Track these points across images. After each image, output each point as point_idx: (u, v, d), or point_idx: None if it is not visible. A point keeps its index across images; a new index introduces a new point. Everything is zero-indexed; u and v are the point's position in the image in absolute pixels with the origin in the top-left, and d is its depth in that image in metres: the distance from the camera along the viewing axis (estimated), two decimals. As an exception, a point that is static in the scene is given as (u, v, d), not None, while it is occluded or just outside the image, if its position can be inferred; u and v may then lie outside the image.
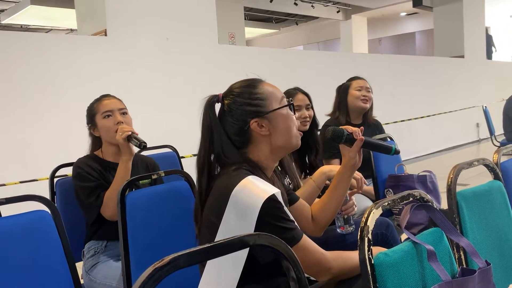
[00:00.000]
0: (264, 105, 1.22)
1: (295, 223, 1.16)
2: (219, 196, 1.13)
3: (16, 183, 2.82)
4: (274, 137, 1.22)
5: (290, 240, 1.12)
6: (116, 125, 1.80)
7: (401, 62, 7.71)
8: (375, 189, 2.29)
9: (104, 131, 1.83)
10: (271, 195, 1.09)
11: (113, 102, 1.87)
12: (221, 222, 1.10)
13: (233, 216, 1.09)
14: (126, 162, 1.75)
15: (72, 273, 1.27)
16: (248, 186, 1.10)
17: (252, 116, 1.20)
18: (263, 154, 1.23)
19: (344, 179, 1.37)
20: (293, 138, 1.25)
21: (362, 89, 2.61)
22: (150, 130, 3.84)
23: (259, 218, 1.07)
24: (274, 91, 1.26)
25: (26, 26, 12.96)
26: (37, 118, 3.33)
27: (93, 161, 1.83)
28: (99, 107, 1.85)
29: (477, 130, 8.72)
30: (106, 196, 1.71)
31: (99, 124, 1.83)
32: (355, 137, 1.33)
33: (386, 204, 0.90)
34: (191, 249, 0.59)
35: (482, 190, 1.29)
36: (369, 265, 0.83)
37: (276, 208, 1.11)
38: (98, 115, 1.84)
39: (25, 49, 3.39)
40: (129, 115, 1.90)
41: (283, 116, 1.23)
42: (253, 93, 1.23)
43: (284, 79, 5.36)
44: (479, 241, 1.21)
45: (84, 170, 1.77)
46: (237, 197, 1.09)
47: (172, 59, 4.22)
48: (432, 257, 0.91)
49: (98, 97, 1.91)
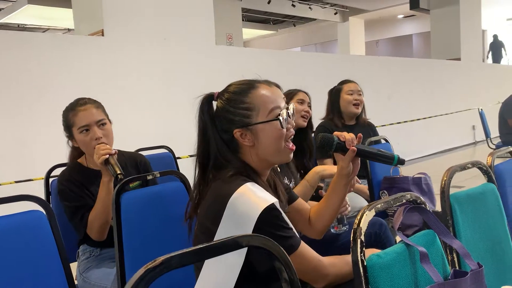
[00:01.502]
0: (249, 116, 1.17)
1: (293, 230, 1.15)
2: (216, 202, 1.11)
3: (11, 183, 2.81)
4: (258, 149, 1.18)
5: (288, 248, 1.11)
6: (94, 140, 1.66)
7: (398, 64, 7.73)
8: (370, 190, 2.30)
9: (82, 145, 1.72)
10: (270, 205, 1.07)
11: (89, 113, 1.69)
12: (217, 229, 1.09)
13: (231, 224, 1.08)
14: (107, 183, 1.62)
15: (66, 273, 1.26)
16: (246, 194, 1.08)
17: (236, 126, 1.17)
18: (252, 161, 1.21)
19: (339, 187, 1.32)
20: (279, 152, 1.20)
21: (354, 93, 2.67)
22: (147, 131, 3.86)
23: (257, 228, 1.06)
24: (266, 100, 1.19)
25: (23, 25, 12.93)
26: (33, 117, 3.32)
27: (76, 172, 1.73)
28: (75, 120, 1.69)
29: (473, 132, 8.75)
30: (89, 219, 1.64)
31: (76, 138, 1.71)
32: (347, 146, 1.25)
33: (379, 205, 0.91)
34: (184, 250, 0.59)
35: (475, 193, 1.29)
36: (361, 267, 0.83)
37: (275, 217, 1.10)
38: (74, 128, 1.70)
39: (22, 49, 3.38)
40: (108, 124, 1.75)
41: (268, 130, 1.17)
42: (241, 101, 1.18)
43: (280, 81, 5.38)
44: (472, 243, 1.22)
45: (67, 187, 1.68)
46: (234, 205, 1.07)
47: (169, 60, 4.22)
48: (425, 258, 0.92)
49: (73, 103, 1.74)
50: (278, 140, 1.18)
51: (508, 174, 1.57)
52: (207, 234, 1.12)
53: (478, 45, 9.21)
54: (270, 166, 1.27)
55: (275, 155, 1.20)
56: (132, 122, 3.76)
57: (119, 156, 1.85)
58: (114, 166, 1.57)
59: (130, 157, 1.90)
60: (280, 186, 1.35)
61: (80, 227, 1.68)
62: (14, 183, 2.82)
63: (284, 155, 1.22)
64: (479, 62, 9.29)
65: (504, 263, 1.32)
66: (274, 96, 1.21)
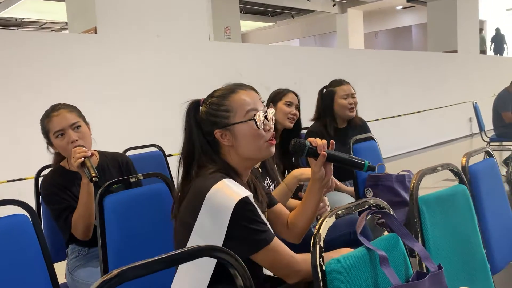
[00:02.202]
0: (227, 117, 1.25)
1: (267, 225, 1.21)
2: (195, 197, 1.19)
3: (3, 182, 2.86)
4: (238, 149, 1.26)
5: (261, 241, 1.17)
6: (70, 143, 1.70)
7: (394, 57, 7.74)
8: (355, 187, 2.34)
9: (61, 150, 1.76)
10: (243, 197, 1.14)
11: (62, 117, 1.73)
12: (195, 222, 1.16)
13: (207, 217, 1.15)
14: (86, 185, 1.66)
15: (51, 275, 1.31)
16: (222, 188, 1.16)
17: (216, 127, 1.26)
18: (233, 160, 1.28)
19: (313, 191, 1.37)
20: (259, 150, 1.27)
21: (348, 97, 2.60)
22: (140, 128, 3.89)
23: (232, 220, 1.13)
24: (244, 103, 1.27)
25: (21, 19, 12.92)
26: (27, 116, 3.36)
27: (58, 175, 1.77)
28: (49, 125, 1.73)
29: (470, 124, 8.77)
30: (73, 221, 1.68)
31: (54, 143, 1.75)
32: (318, 151, 1.30)
33: (339, 212, 0.95)
34: (137, 262, 0.63)
35: (445, 195, 1.34)
36: (320, 271, 0.88)
37: (249, 210, 1.16)
38: (50, 134, 1.74)
39: (15, 47, 3.42)
40: (84, 125, 1.78)
41: (244, 130, 1.25)
42: (221, 104, 1.27)
43: (276, 75, 5.41)
44: (441, 244, 1.26)
45: (49, 190, 1.72)
46: (211, 199, 1.15)
47: (163, 56, 4.24)
48: (384, 262, 0.96)
49: (48, 111, 1.78)
50: (255, 139, 1.26)
51: (483, 174, 1.61)
52: (186, 227, 1.18)
53: (475, 37, 9.20)
54: (251, 165, 1.34)
55: (255, 153, 1.28)
56: (125, 120, 3.80)
57: (101, 157, 1.90)
58: (89, 169, 1.60)
59: (112, 158, 1.93)
60: (260, 190, 1.41)
61: (65, 229, 1.73)
62: (7, 182, 2.87)
63: (265, 151, 1.29)
64: (476, 54, 9.27)
65: (474, 262, 1.37)
66: (252, 100, 1.29)
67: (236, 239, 1.14)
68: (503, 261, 1.58)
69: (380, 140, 2.63)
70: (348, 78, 2.72)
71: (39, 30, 14.07)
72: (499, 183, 1.70)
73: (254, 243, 1.17)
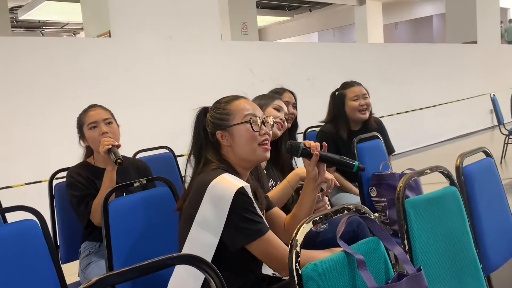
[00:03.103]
0: (227, 119, 1.40)
1: (262, 218, 1.30)
2: (197, 190, 1.30)
3: (22, 185, 2.99)
4: (235, 149, 1.39)
5: (256, 232, 1.26)
6: (100, 135, 1.90)
7: (412, 50, 7.65)
8: (359, 186, 2.37)
9: (90, 141, 1.96)
10: (240, 188, 1.25)
11: (98, 112, 1.96)
12: (196, 213, 1.28)
13: (209, 206, 1.26)
14: (110, 172, 1.87)
15: (60, 277, 1.40)
16: (222, 181, 1.27)
17: (218, 128, 1.40)
18: (232, 160, 1.40)
19: (308, 190, 1.48)
20: (253, 152, 1.38)
21: (359, 98, 2.57)
22: (153, 130, 3.99)
23: (231, 209, 1.23)
24: (243, 108, 1.41)
25: (43, 21, 13.27)
26: (44, 120, 3.50)
27: (84, 169, 1.96)
28: (85, 119, 1.96)
29: (491, 116, 8.61)
30: (94, 205, 1.85)
31: (86, 135, 1.96)
32: (311, 152, 1.42)
33: (317, 218, 1.00)
34: (115, 270, 0.70)
35: (434, 197, 1.36)
36: (296, 275, 0.93)
37: (246, 202, 1.27)
38: (84, 126, 1.96)
39: (33, 53, 3.55)
40: (115, 124, 2.00)
41: (241, 130, 1.38)
42: (223, 108, 1.42)
43: (289, 72, 5.44)
44: (428, 246, 1.29)
45: (75, 179, 1.90)
46: (212, 189, 1.26)
47: (176, 58, 4.33)
48: (362, 265, 1.01)
49: (86, 108, 2.01)
50: (250, 141, 1.38)
51: (478, 175, 1.62)
52: (188, 219, 1.30)
53: (495, 26, 8.97)
54: (248, 167, 1.43)
55: (250, 155, 1.39)
56: (139, 122, 3.90)
57: (124, 160, 2.04)
58: (115, 154, 1.83)
59: (133, 163, 2.13)
60: (260, 193, 1.49)
61: (84, 214, 1.89)
62: (25, 185, 3.01)
63: (259, 155, 1.40)
64: (497, 44, 9.06)
65: (464, 263, 1.39)
66: (252, 107, 1.43)
67: (233, 227, 1.25)
68: (499, 261, 1.60)
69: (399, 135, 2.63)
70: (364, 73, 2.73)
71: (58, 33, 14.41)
72: (496, 183, 1.71)
73: (249, 232, 1.25)
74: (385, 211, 2.24)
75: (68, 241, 2.07)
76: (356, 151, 2.34)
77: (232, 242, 1.27)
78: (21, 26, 13.35)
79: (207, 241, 1.26)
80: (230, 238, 1.27)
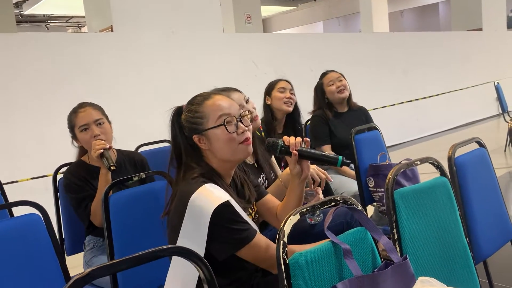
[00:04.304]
0: (201, 123, 1.34)
1: (248, 223, 1.30)
2: (180, 201, 1.29)
3: (28, 180, 3.06)
4: (214, 152, 1.35)
5: (244, 239, 1.28)
6: (93, 138, 1.88)
7: (416, 39, 7.61)
8: (357, 177, 2.41)
9: (84, 144, 1.95)
10: (223, 202, 1.24)
11: (88, 114, 1.92)
12: (181, 225, 1.27)
13: (190, 220, 1.26)
14: (105, 175, 1.85)
15: (63, 270, 1.45)
16: (203, 193, 1.26)
17: (193, 132, 1.35)
18: (214, 163, 1.37)
19: (293, 187, 1.46)
20: (234, 153, 1.34)
21: (334, 82, 2.79)
22: (154, 124, 4.02)
23: (212, 222, 1.23)
24: (216, 109, 1.34)
25: (48, 15, 13.32)
26: (48, 115, 3.56)
27: (80, 168, 1.96)
28: (75, 120, 1.93)
29: (496, 104, 8.55)
30: (92, 207, 1.86)
31: (78, 137, 1.95)
32: (290, 149, 1.38)
33: (304, 210, 1.04)
34: (105, 263, 0.75)
35: (423, 188, 1.40)
36: (283, 264, 0.97)
37: (229, 213, 1.26)
38: (76, 128, 1.93)
39: (38, 48, 3.60)
40: (106, 123, 1.97)
41: (218, 134, 1.32)
42: (196, 111, 1.35)
43: (291, 63, 5.44)
44: (417, 236, 1.33)
45: (71, 181, 1.90)
46: (193, 202, 1.25)
47: (178, 52, 4.36)
48: (348, 255, 1.05)
49: (75, 107, 1.98)
50: (228, 143, 1.33)
51: (471, 165, 1.65)
52: (174, 229, 1.30)
53: (501, 13, 8.88)
54: (231, 167, 1.41)
55: (232, 155, 1.35)
56: (142, 115, 3.95)
57: (119, 155, 2.07)
58: (107, 159, 1.81)
59: (129, 156, 2.11)
60: (249, 185, 1.50)
61: (84, 216, 1.91)
62: (30, 179, 3.07)
63: (241, 153, 1.36)
64: (503, 31, 8.96)
65: (454, 251, 1.43)
66: (225, 105, 1.36)
67: (219, 239, 1.25)
68: (491, 249, 1.63)
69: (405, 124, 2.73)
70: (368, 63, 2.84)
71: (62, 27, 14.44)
72: (489, 173, 1.74)
73: (236, 241, 1.27)
74: (382, 201, 2.27)
75: (73, 233, 2.13)
76: (353, 142, 2.38)
77: (219, 254, 1.27)
78: (26, 21, 13.41)
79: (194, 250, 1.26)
80: (217, 250, 1.27)
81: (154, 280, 1.53)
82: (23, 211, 1.47)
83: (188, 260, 0.85)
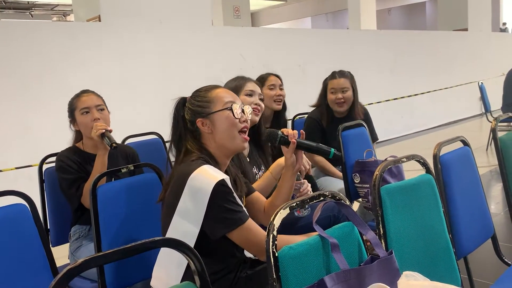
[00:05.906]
0: (208, 107, 1.44)
1: (242, 207, 1.35)
2: (179, 180, 1.34)
3: (12, 169, 3.02)
4: (216, 136, 1.43)
5: (237, 220, 1.32)
6: (93, 121, 1.93)
7: (402, 37, 7.69)
8: (343, 173, 2.43)
9: (82, 126, 1.99)
10: (220, 180, 1.29)
11: (90, 98, 1.99)
12: (178, 202, 1.32)
13: (189, 198, 1.31)
14: (102, 156, 1.91)
15: (50, 260, 1.45)
16: (202, 172, 1.31)
17: (198, 116, 1.43)
18: (212, 148, 1.44)
19: (286, 177, 1.54)
20: (234, 139, 1.43)
21: (337, 92, 2.66)
22: (142, 115, 4.02)
23: (210, 200, 1.28)
24: (223, 96, 1.45)
25: (32, 2, 13.07)
26: (34, 104, 3.51)
27: (74, 153, 1.99)
28: (77, 104, 1.98)
29: (480, 103, 8.71)
30: (85, 188, 1.89)
31: (77, 119, 1.99)
32: (289, 139, 1.48)
33: (294, 204, 1.05)
34: (98, 253, 0.75)
35: (409, 184, 1.43)
36: (272, 257, 0.99)
37: (225, 192, 1.31)
38: (76, 111, 1.98)
39: (24, 37, 3.54)
40: (106, 110, 2.03)
41: (222, 117, 1.42)
42: (203, 96, 1.46)
43: (279, 58, 5.45)
44: (402, 232, 1.36)
45: (65, 163, 1.94)
46: (192, 180, 1.30)
47: (166, 43, 4.33)
48: (335, 249, 1.07)
49: (78, 93, 2.04)
50: (231, 127, 1.42)
51: (455, 163, 1.68)
52: (170, 207, 1.34)
53: (487, 14, 9.01)
54: (229, 155, 1.48)
55: (230, 142, 1.43)
56: (128, 107, 3.92)
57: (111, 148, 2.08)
58: (109, 138, 1.87)
59: (121, 149, 2.15)
60: (239, 181, 1.54)
61: (75, 197, 1.93)
62: (15, 169, 3.03)
63: (238, 143, 1.44)
64: (488, 32, 9.11)
65: (437, 247, 1.46)
66: (231, 95, 1.48)
67: (213, 218, 1.29)
68: (472, 245, 1.67)
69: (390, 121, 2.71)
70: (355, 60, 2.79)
71: (47, 15, 14.18)
72: (473, 171, 1.78)
73: (229, 221, 1.31)
74: (367, 197, 2.31)
75: (58, 225, 2.12)
76: (340, 138, 2.40)
77: (213, 232, 1.32)
78: (9, 7, 13.14)
79: (188, 230, 1.31)
80: (211, 228, 1.32)
81: (141, 271, 1.53)
82: (7, 202, 1.46)
83: (180, 251, 0.85)
